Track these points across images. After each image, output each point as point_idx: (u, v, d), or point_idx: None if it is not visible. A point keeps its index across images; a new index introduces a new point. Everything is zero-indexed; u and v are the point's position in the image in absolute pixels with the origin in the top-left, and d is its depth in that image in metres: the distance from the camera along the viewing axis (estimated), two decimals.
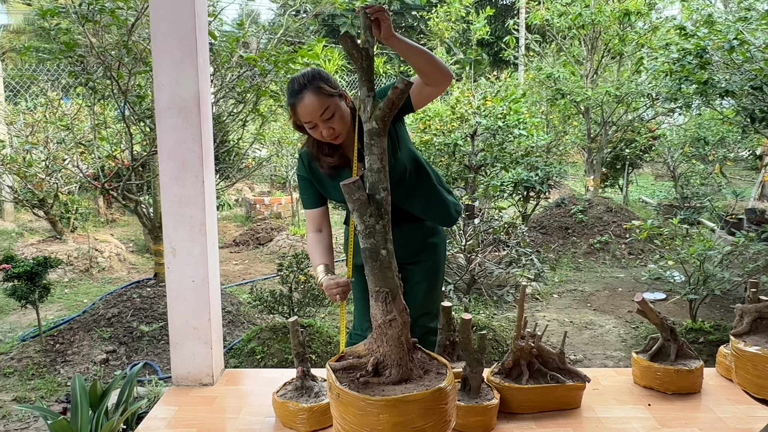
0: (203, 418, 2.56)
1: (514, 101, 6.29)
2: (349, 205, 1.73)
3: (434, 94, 2.26)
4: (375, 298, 1.78)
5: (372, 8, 1.86)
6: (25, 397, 3.61)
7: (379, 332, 1.81)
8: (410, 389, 1.80)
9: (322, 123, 2.17)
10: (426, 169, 2.46)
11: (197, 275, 2.80)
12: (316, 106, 2.14)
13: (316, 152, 2.32)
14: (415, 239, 2.55)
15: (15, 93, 9.26)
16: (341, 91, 2.25)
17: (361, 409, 1.70)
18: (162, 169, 2.72)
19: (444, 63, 2.17)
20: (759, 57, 4.48)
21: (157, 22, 2.61)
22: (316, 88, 2.15)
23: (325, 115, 2.15)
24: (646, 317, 2.83)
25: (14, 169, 6.35)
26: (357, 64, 1.73)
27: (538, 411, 2.59)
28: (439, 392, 1.79)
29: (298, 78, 2.20)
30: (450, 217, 2.54)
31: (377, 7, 1.88)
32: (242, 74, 4.55)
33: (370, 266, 1.77)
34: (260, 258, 7.51)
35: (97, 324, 4.33)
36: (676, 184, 9.14)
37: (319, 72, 2.23)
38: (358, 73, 1.73)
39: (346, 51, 1.71)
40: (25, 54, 4.26)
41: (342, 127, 2.21)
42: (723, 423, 2.53)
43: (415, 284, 2.61)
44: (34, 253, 6.32)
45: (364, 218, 1.73)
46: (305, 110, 2.16)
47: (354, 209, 1.74)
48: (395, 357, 1.83)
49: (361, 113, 1.75)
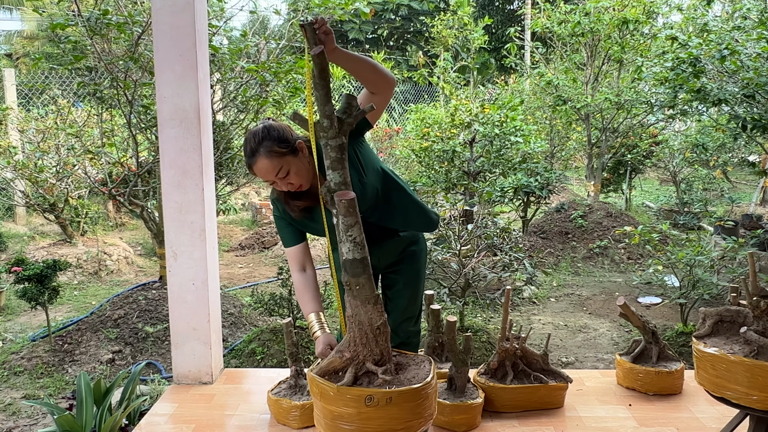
0: (202, 415, 2.69)
1: (512, 108, 6.40)
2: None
3: (383, 104, 2.23)
4: (363, 303, 1.88)
5: (318, 22, 1.88)
6: (34, 394, 3.75)
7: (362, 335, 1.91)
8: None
9: (280, 181, 2.19)
10: (397, 181, 2.46)
11: (197, 278, 2.93)
12: (269, 168, 2.16)
13: (284, 198, 2.33)
14: (395, 249, 2.62)
15: (27, 100, 9.48)
16: (295, 144, 2.21)
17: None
18: (164, 177, 2.85)
19: (385, 68, 2.17)
20: (750, 66, 4.57)
21: (159, 39, 2.75)
22: (268, 151, 2.15)
23: (280, 174, 2.17)
24: (628, 320, 2.94)
25: (26, 175, 6.55)
26: (314, 82, 1.83)
27: (522, 410, 2.70)
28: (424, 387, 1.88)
29: (250, 139, 2.19)
30: (432, 222, 2.59)
31: (322, 21, 1.89)
32: (246, 83, 4.70)
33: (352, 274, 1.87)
34: (265, 261, 7.64)
35: (103, 325, 4.47)
36: (678, 190, 9.20)
37: (269, 130, 2.19)
38: (318, 92, 1.83)
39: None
40: (36, 65, 4.41)
41: (300, 179, 2.21)
42: (700, 423, 2.63)
43: (397, 291, 2.71)
44: (45, 256, 6.49)
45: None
46: (260, 172, 2.18)
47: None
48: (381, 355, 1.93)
49: (320, 132, 1.84)
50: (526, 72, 10.12)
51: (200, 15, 2.80)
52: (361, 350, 1.88)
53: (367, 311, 1.85)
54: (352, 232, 1.83)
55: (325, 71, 1.83)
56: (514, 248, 4.02)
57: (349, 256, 1.84)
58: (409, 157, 8.53)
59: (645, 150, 9.20)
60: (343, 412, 1.77)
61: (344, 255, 1.84)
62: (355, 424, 1.77)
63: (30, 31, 17.30)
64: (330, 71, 1.86)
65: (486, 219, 4.43)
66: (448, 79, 9.76)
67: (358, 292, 1.84)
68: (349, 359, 1.87)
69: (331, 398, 1.79)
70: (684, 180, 9.35)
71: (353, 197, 1.81)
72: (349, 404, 1.77)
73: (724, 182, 10.05)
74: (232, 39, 5.23)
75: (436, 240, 4.42)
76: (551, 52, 9.69)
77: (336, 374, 1.89)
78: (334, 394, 1.79)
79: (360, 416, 1.77)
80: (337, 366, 1.89)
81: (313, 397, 1.90)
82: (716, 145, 8.84)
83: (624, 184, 9.89)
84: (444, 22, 11.10)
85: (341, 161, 1.87)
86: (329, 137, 1.85)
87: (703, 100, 4.83)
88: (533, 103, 10.02)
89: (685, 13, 6.58)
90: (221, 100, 4.92)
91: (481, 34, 9.73)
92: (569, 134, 10.66)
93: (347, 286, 1.86)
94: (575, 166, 13.66)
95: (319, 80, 1.82)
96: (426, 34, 17.71)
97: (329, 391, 1.80)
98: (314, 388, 1.86)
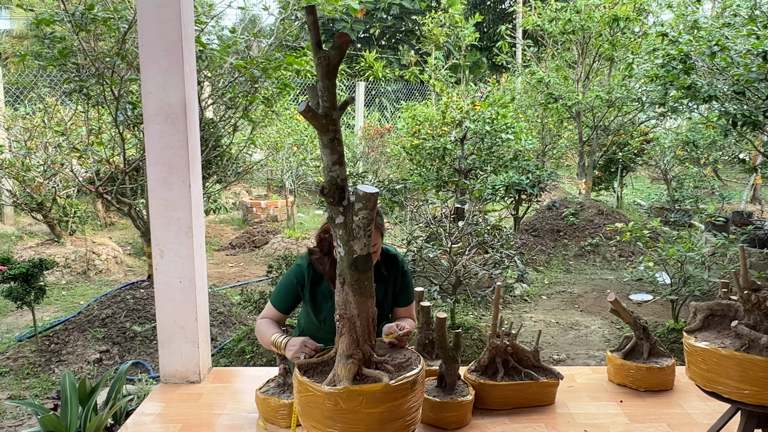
0: (189, 414, 2.65)
1: (502, 106, 6.39)
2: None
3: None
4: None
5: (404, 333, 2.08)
6: (19, 395, 3.70)
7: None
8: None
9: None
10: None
11: (184, 276, 2.89)
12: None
13: (332, 273, 2.41)
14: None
15: (15, 99, 9.38)
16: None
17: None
18: (149, 173, 2.81)
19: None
20: (740, 62, 4.57)
21: (144, 33, 2.71)
22: (377, 226, 2.34)
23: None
24: (619, 316, 2.92)
25: (13, 173, 6.47)
26: (325, 72, 1.78)
27: (513, 407, 2.68)
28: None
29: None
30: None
31: (407, 333, 2.10)
32: (235, 80, 4.65)
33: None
34: (255, 261, 7.60)
35: (91, 325, 4.42)
36: (669, 187, 9.23)
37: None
38: (326, 82, 1.77)
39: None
40: (21, 62, 4.36)
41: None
42: (691, 419, 2.62)
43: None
44: (33, 255, 6.42)
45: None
46: None
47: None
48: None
49: (329, 125, 1.80)
50: (518, 70, 10.12)
51: (186, 9, 2.76)
52: (366, 347, 1.87)
53: (370, 305, 1.85)
54: (370, 228, 1.81)
55: (340, 63, 1.78)
56: (505, 245, 4.00)
57: (363, 252, 1.81)
58: (400, 155, 8.51)
59: (636, 148, 9.22)
60: (393, 406, 1.75)
61: (357, 252, 1.81)
62: (401, 413, 1.78)
63: (19, 31, 17.15)
64: None
65: (477, 216, 4.41)
66: (440, 76, 9.75)
67: (367, 288, 1.83)
68: (360, 359, 1.85)
69: (381, 399, 1.73)
70: (675, 177, 9.39)
71: (377, 192, 1.79)
72: (400, 395, 1.76)
73: (715, 180, 10.09)
74: (221, 37, 5.19)
75: (427, 238, 4.40)
76: (542, 50, 9.70)
77: (356, 379, 1.84)
78: (387, 392, 1.74)
79: (406, 403, 1.78)
80: (355, 371, 1.84)
81: (343, 413, 1.76)
82: (707, 142, 8.88)
83: (615, 182, 9.92)
84: (435, 20, 11.09)
85: (344, 156, 1.85)
86: (336, 130, 1.81)
87: (694, 97, 4.83)
88: (525, 101, 10.02)
89: (676, 11, 6.58)
90: (210, 96, 4.87)
91: (472, 31, 9.72)
92: (560, 132, 10.68)
93: (357, 285, 1.83)
94: (566, 164, 13.69)
95: (333, 70, 1.76)
96: (417, 33, 17.71)
97: (379, 392, 1.73)
98: (352, 400, 1.74)
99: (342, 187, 1.81)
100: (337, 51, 1.70)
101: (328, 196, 1.82)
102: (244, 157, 6.61)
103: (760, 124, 4.64)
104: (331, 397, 1.76)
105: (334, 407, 1.76)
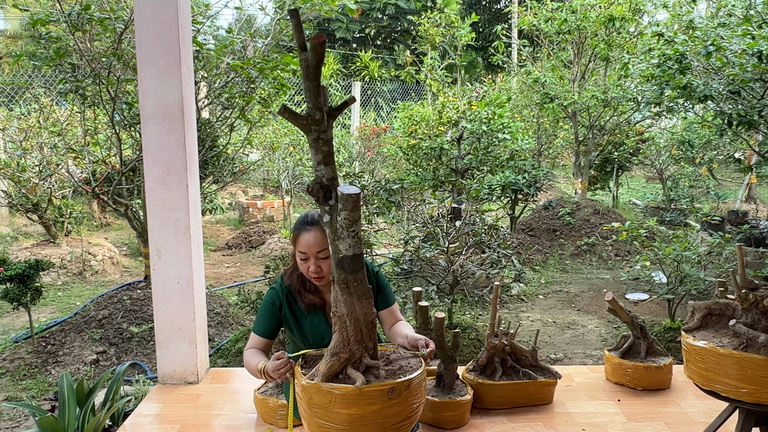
0: (187, 415, 2.65)
1: (499, 105, 6.39)
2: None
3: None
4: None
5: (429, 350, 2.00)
6: (16, 396, 3.68)
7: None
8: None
9: (315, 259, 2.25)
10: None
11: (182, 277, 2.89)
12: (319, 242, 2.22)
13: (299, 287, 2.40)
14: None
15: (10, 99, 9.34)
16: None
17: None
18: (147, 173, 2.81)
19: None
20: (736, 62, 4.59)
21: (141, 33, 2.70)
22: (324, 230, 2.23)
23: (322, 254, 2.23)
24: (617, 315, 2.93)
25: (8, 174, 6.43)
26: (308, 72, 1.77)
27: (511, 406, 2.69)
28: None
29: (314, 214, 2.29)
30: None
31: (432, 351, 2.01)
32: (231, 80, 4.64)
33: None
34: (252, 261, 7.59)
35: (88, 326, 4.40)
36: (664, 187, 9.26)
37: None
38: (310, 83, 1.75)
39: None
40: (16, 62, 4.34)
41: (329, 269, 2.22)
42: (689, 417, 2.63)
43: None
44: (28, 256, 6.39)
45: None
46: (306, 242, 2.24)
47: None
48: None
49: (312, 126, 1.79)
50: (514, 70, 10.13)
51: (184, 9, 2.75)
52: (356, 347, 1.86)
53: (363, 306, 1.83)
54: (355, 228, 1.78)
55: (320, 63, 1.78)
56: (502, 245, 4.01)
57: (349, 253, 1.79)
58: (396, 155, 8.51)
59: (632, 147, 9.24)
60: (365, 411, 1.72)
61: (343, 252, 1.80)
62: (378, 420, 1.74)
63: (13, 31, 17.08)
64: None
65: (474, 216, 4.42)
66: (436, 76, 9.75)
67: (355, 289, 1.81)
68: (347, 359, 1.84)
69: (350, 401, 1.73)
70: (670, 177, 9.41)
71: (359, 192, 1.77)
72: (374, 401, 1.73)
73: (710, 179, 10.12)
74: (217, 37, 5.18)
75: (424, 237, 4.40)
76: (538, 50, 9.71)
77: (338, 378, 1.84)
78: (356, 395, 1.73)
79: (383, 411, 1.74)
80: (336, 369, 1.84)
81: (314, 408, 1.79)
82: (702, 142, 8.90)
83: (611, 181, 9.94)
84: (431, 21, 11.09)
85: (331, 156, 1.83)
86: (321, 130, 1.80)
87: (689, 97, 4.84)
88: (521, 101, 10.03)
89: (671, 11, 6.60)
90: (206, 96, 4.86)
91: (468, 30, 9.72)
92: (556, 132, 10.70)
93: (344, 285, 1.82)
94: (563, 164, 13.72)
95: (314, 71, 1.76)
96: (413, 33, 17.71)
97: (348, 394, 1.73)
98: (322, 397, 1.77)
99: (327, 187, 1.81)
100: (314, 53, 1.71)
101: (312, 194, 1.84)
102: (241, 157, 6.60)
103: (755, 124, 4.65)
104: (306, 390, 1.81)
105: (309, 401, 1.80)
